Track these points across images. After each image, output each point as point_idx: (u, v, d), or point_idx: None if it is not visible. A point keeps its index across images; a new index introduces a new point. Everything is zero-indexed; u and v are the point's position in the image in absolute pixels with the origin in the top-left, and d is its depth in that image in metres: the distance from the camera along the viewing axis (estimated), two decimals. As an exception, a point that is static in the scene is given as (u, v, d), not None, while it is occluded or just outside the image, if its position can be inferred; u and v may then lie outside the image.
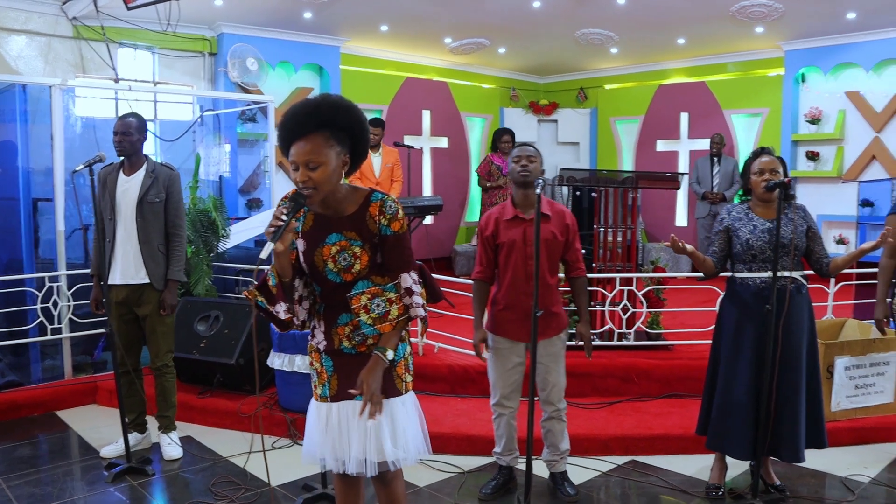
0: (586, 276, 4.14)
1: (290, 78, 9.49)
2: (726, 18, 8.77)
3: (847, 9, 8.33)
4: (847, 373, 4.97)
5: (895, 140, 9.28)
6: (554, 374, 4.04)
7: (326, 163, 2.56)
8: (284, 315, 2.67)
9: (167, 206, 4.53)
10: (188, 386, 5.60)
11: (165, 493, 4.23)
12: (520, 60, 11.53)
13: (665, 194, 10.72)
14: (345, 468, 2.77)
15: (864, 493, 4.19)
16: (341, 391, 2.77)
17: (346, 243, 2.67)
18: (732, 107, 10.70)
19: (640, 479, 4.41)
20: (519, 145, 4.08)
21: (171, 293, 4.54)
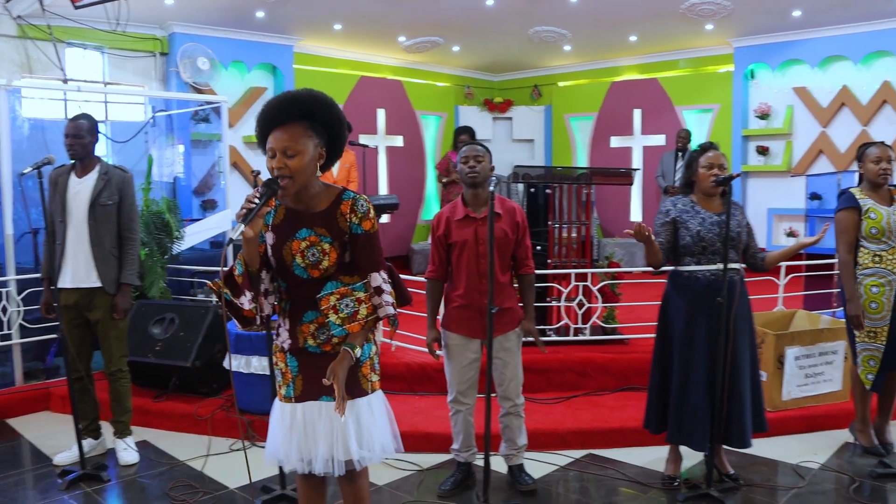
0: (534, 273, 4.18)
1: (244, 77, 9.42)
2: (677, 16, 8.90)
3: (793, 7, 8.51)
4: (797, 362, 5.09)
5: (841, 135, 9.52)
6: (510, 368, 4.08)
7: (304, 152, 2.58)
8: (249, 305, 2.65)
9: (120, 208, 4.46)
10: (144, 389, 5.52)
11: (121, 498, 4.18)
12: (474, 58, 11.57)
13: (620, 190, 10.84)
14: (311, 468, 2.77)
15: (814, 479, 4.30)
16: (306, 391, 2.77)
17: (315, 239, 2.67)
18: (684, 103, 10.87)
19: (598, 472, 4.46)
20: (467, 144, 4.10)
21: (124, 297, 4.47)
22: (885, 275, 4.38)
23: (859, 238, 4.45)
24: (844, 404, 5.16)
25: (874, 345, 4.45)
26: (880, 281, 4.39)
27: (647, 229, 3.81)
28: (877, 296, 4.40)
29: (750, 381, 4.07)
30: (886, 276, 4.38)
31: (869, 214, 4.39)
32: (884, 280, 4.38)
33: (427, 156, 11.76)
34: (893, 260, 4.38)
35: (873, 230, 4.37)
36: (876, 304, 4.40)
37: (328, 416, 2.75)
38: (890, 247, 4.38)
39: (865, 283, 4.41)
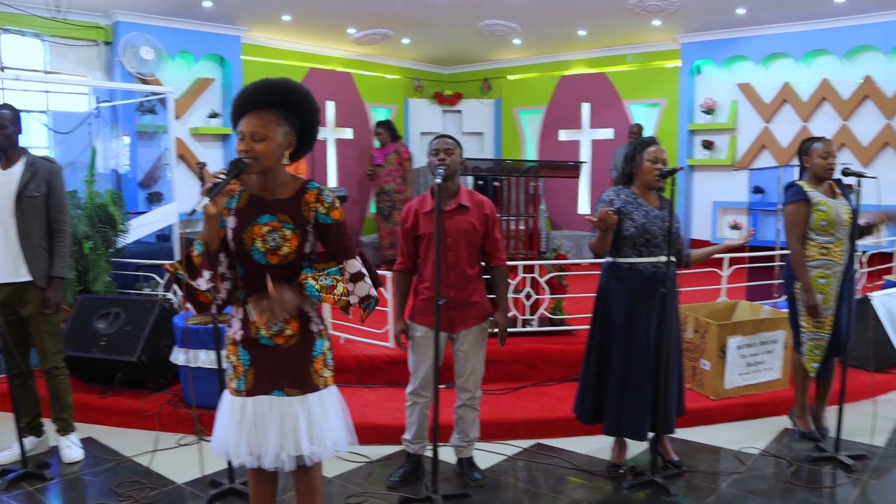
0: (506, 265, 4.21)
1: (191, 68, 9.30)
2: (625, 11, 9.01)
3: (738, 4, 8.68)
4: (739, 352, 5.21)
5: (783, 130, 9.76)
6: (473, 361, 4.11)
7: (272, 138, 2.64)
8: (206, 285, 2.64)
9: (49, 200, 4.33)
10: (88, 386, 5.44)
11: (65, 497, 4.11)
12: (424, 51, 11.57)
13: (568, 183, 10.94)
14: (260, 463, 2.77)
15: (755, 464, 4.43)
16: (257, 386, 2.77)
17: (277, 224, 2.69)
18: (632, 97, 11.02)
19: (546, 461, 4.53)
20: (438, 137, 4.10)
21: (55, 291, 4.35)
22: (831, 266, 4.51)
23: (807, 230, 4.54)
24: (784, 392, 5.31)
25: (820, 334, 4.58)
26: (826, 272, 4.52)
27: (615, 218, 3.86)
28: (823, 287, 4.52)
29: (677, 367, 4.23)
30: (832, 268, 4.51)
31: (819, 207, 4.49)
32: (829, 272, 4.51)
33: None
34: (839, 252, 4.51)
35: (823, 222, 4.48)
36: (822, 294, 4.53)
37: (279, 410, 2.76)
38: (836, 239, 4.50)
39: (813, 275, 4.52)
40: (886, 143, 9.02)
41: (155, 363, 5.33)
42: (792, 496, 4.00)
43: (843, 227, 4.49)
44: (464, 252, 3.98)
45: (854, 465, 4.29)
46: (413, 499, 3.92)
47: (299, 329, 2.78)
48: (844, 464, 4.31)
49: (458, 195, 4.02)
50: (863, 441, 4.63)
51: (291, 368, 2.78)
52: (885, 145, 9.04)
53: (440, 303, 3.72)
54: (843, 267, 4.51)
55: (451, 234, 3.94)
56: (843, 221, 4.48)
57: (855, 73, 9.21)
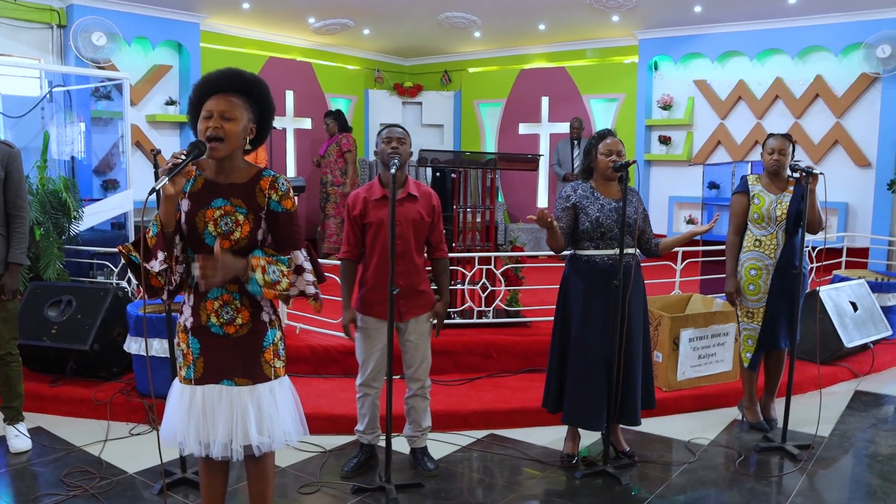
0: (448, 257, 4.24)
1: (148, 55, 9.16)
2: (584, 6, 9.08)
3: (694, 2, 8.80)
4: (691, 344, 5.31)
5: (737, 126, 9.93)
6: (421, 351, 4.13)
7: (239, 119, 2.69)
8: (160, 266, 2.62)
9: (6, 185, 4.26)
10: (38, 375, 5.35)
11: (11, 488, 4.03)
12: (384, 42, 11.53)
13: (527, 177, 11.01)
14: (209, 452, 2.76)
15: (704, 454, 4.51)
16: (207, 374, 2.76)
17: (230, 209, 2.69)
18: (591, 92, 11.11)
19: (499, 451, 4.57)
20: (388, 126, 4.11)
21: (12, 277, 4.29)
22: (763, 259, 4.65)
23: (748, 222, 4.71)
24: (734, 383, 5.42)
25: (751, 325, 4.73)
26: (758, 264, 4.67)
27: (550, 216, 3.89)
28: (755, 278, 4.67)
29: (642, 361, 4.26)
30: (763, 261, 4.65)
31: (754, 200, 4.66)
32: (761, 264, 4.66)
33: (336, 139, 11.68)
34: (771, 245, 4.65)
35: (755, 215, 4.68)
36: (754, 286, 4.68)
37: (228, 400, 2.74)
38: (770, 232, 4.65)
39: (745, 266, 4.70)
40: (836, 141, 9.23)
41: (108, 352, 5.27)
42: (740, 485, 4.09)
43: (776, 223, 4.63)
44: (412, 241, 4.01)
45: (800, 454, 4.40)
46: (367, 488, 3.94)
47: (250, 318, 2.77)
48: (791, 453, 4.42)
49: (406, 184, 4.04)
50: (809, 432, 4.74)
51: (242, 358, 2.77)
52: (835, 143, 9.25)
53: (395, 292, 3.73)
54: (774, 261, 4.64)
55: (400, 223, 3.94)
56: (776, 217, 4.61)
57: (807, 72, 9.40)
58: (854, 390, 5.73)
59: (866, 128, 9.06)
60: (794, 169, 4.47)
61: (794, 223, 4.63)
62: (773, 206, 4.63)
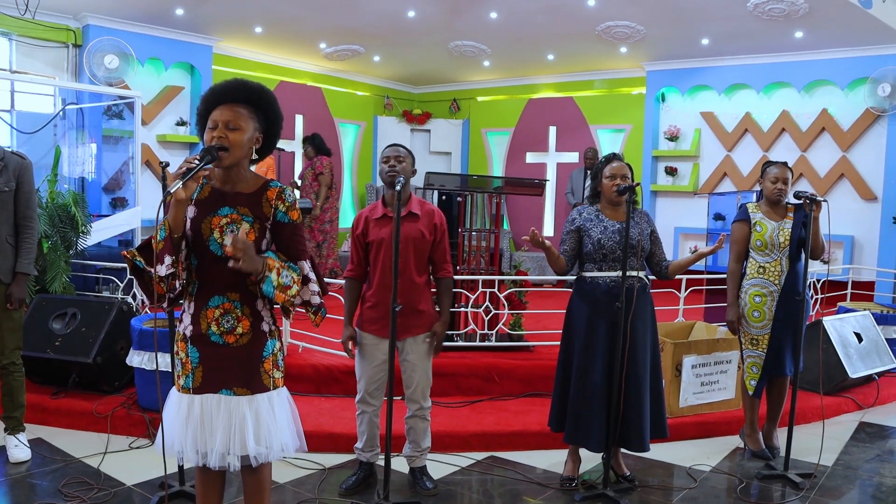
0: (452, 276, 4.25)
1: (160, 76, 9.28)
2: (593, 37, 9.17)
3: (702, 35, 8.89)
4: (693, 371, 5.29)
5: (744, 158, 9.96)
6: (420, 371, 4.12)
7: (244, 129, 2.71)
8: (166, 271, 2.63)
9: (17, 196, 4.31)
10: (41, 387, 5.36)
11: (10, 497, 4.02)
12: (394, 69, 11.65)
13: (532, 205, 11.05)
14: (205, 461, 2.76)
15: (706, 481, 4.48)
16: (205, 384, 2.76)
17: (236, 217, 2.72)
18: (598, 122, 11.19)
19: (499, 473, 4.54)
20: (390, 146, 4.14)
21: (19, 287, 4.32)
22: (767, 285, 4.65)
23: (750, 249, 4.72)
24: (737, 411, 5.39)
25: (756, 352, 4.72)
26: (762, 291, 4.66)
27: (540, 235, 3.91)
28: (759, 305, 4.66)
29: (651, 387, 4.22)
30: (768, 287, 4.65)
31: (756, 227, 4.67)
32: (765, 290, 4.65)
33: (344, 164, 11.76)
34: (775, 272, 4.65)
35: (758, 242, 4.67)
36: (758, 312, 4.67)
37: (227, 409, 2.74)
38: (773, 259, 4.65)
39: (750, 293, 4.69)
40: (842, 174, 9.26)
41: (110, 365, 5.28)
42: (740, 511, 4.07)
43: (779, 249, 4.64)
44: (412, 259, 4.02)
45: (802, 482, 4.37)
46: (365, 505, 3.93)
47: (250, 328, 2.77)
48: (793, 482, 4.39)
49: (409, 203, 4.07)
50: (811, 461, 4.71)
51: (241, 368, 2.77)
52: (841, 176, 9.28)
53: (397, 309, 3.74)
54: (779, 287, 4.64)
55: (400, 241, 3.96)
56: (779, 243, 4.63)
57: (813, 105, 9.46)
58: (858, 422, 5.69)
59: (872, 161, 9.10)
60: (799, 196, 4.49)
61: (797, 249, 4.65)
62: (776, 232, 4.64)
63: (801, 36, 8.56)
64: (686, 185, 10.40)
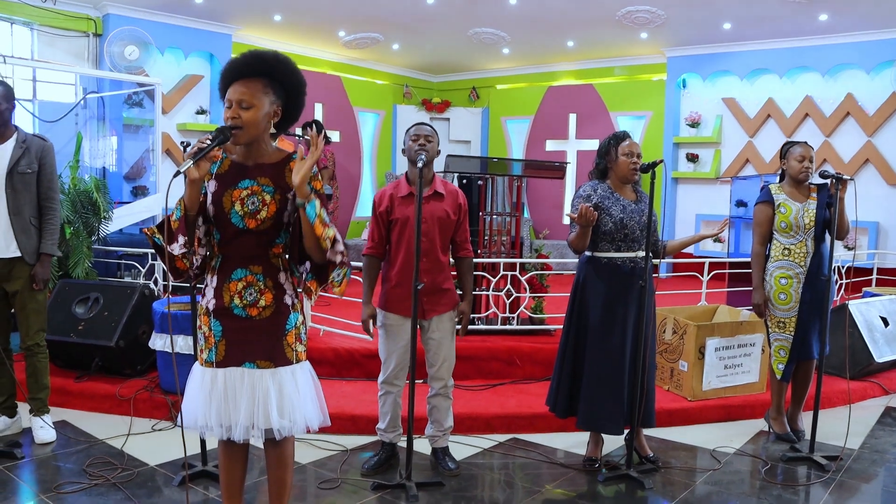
0: (473, 257, 4.23)
1: (180, 64, 9.29)
2: (613, 22, 9.10)
3: (723, 19, 8.79)
4: (717, 353, 5.24)
5: (766, 144, 9.86)
6: (444, 349, 4.11)
7: (258, 106, 2.66)
8: (180, 250, 2.63)
9: (40, 177, 4.34)
10: (65, 371, 5.40)
11: (36, 475, 4.06)
12: (413, 58, 11.62)
13: (552, 193, 11.00)
14: (230, 435, 2.75)
15: (730, 462, 4.44)
16: (229, 357, 2.75)
17: (257, 188, 2.70)
18: (618, 109, 11.11)
19: (521, 454, 4.53)
20: (418, 125, 4.11)
21: (44, 267, 4.36)
22: (793, 267, 4.58)
23: (773, 231, 4.65)
24: (761, 395, 5.34)
25: (783, 335, 4.66)
26: (788, 273, 4.59)
27: (594, 214, 3.86)
28: (785, 287, 4.60)
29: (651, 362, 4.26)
30: (794, 269, 4.58)
31: (780, 209, 4.60)
32: (791, 273, 4.59)
33: (363, 152, 11.76)
34: (801, 254, 4.58)
35: (783, 224, 4.60)
36: (784, 295, 4.60)
37: (250, 382, 2.74)
38: (798, 240, 4.58)
39: (775, 275, 4.62)
40: (867, 159, 9.14)
41: (132, 349, 5.31)
42: (766, 493, 4.02)
43: (804, 230, 4.57)
44: (437, 238, 4.01)
45: (828, 465, 4.32)
46: (386, 485, 3.91)
47: (273, 300, 2.76)
48: (819, 464, 4.34)
49: (433, 182, 4.05)
50: (837, 444, 4.65)
51: (264, 341, 2.76)
52: (866, 162, 9.16)
53: (419, 287, 3.73)
54: (805, 269, 4.58)
55: (426, 221, 3.95)
56: (804, 225, 4.56)
57: (837, 90, 9.34)
58: (885, 406, 5.62)
59: (899, 146, 8.97)
60: (825, 176, 4.42)
61: (822, 230, 4.59)
62: (801, 213, 4.58)
63: (826, 19, 8.44)
64: (707, 172, 10.31)
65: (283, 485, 2.98)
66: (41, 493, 3.77)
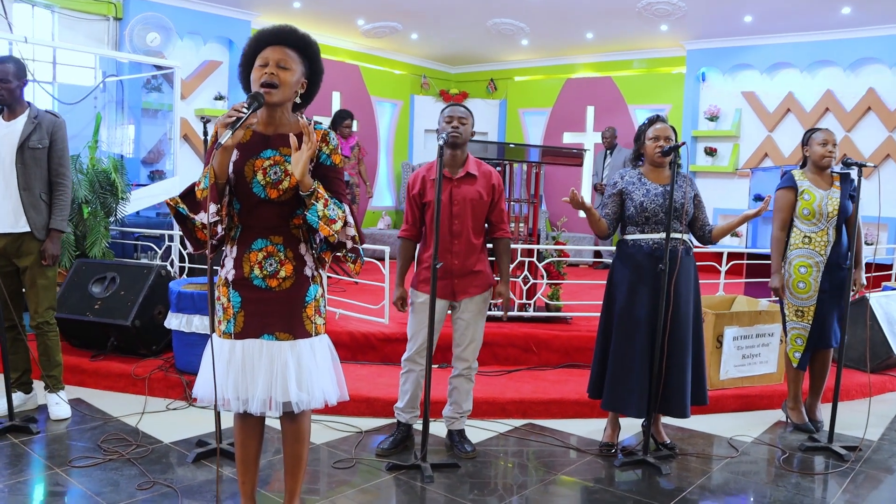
0: (510, 237, 4.19)
1: (199, 50, 9.30)
2: (633, 14, 9.03)
3: (744, 12, 8.71)
4: (735, 343, 5.19)
5: (785, 139, 9.77)
6: (473, 330, 4.09)
7: (293, 70, 2.70)
8: (212, 218, 2.61)
9: (51, 153, 4.33)
10: (80, 350, 5.42)
11: (50, 449, 4.06)
12: (432, 48, 11.59)
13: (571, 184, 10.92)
14: (246, 407, 2.73)
15: (747, 451, 4.40)
16: (247, 329, 2.73)
17: (279, 158, 2.69)
18: (636, 102, 11.05)
19: (537, 439, 4.50)
20: (451, 105, 4.09)
21: (54, 243, 4.33)
22: (813, 256, 4.53)
23: (794, 218, 4.59)
24: (778, 386, 5.29)
25: (801, 324, 4.60)
26: (808, 262, 4.54)
27: (581, 196, 3.86)
28: (804, 276, 4.55)
29: (693, 352, 4.14)
30: (814, 258, 4.53)
31: (803, 196, 4.55)
32: (811, 261, 4.53)
33: (380, 142, 11.74)
34: (822, 242, 4.53)
35: (805, 211, 4.54)
36: (804, 283, 4.55)
37: (269, 354, 2.72)
38: (820, 229, 4.53)
39: (794, 263, 4.57)
40: (888, 154, 9.04)
41: (148, 329, 5.31)
42: (784, 481, 3.97)
43: (827, 219, 4.51)
44: (469, 220, 3.97)
45: (847, 455, 4.27)
46: (402, 465, 3.90)
47: (293, 272, 2.75)
48: (837, 454, 4.29)
49: (465, 164, 4.02)
50: (856, 436, 4.60)
51: (283, 312, 2.74)
52: (887, 157, 9.06)
53: (437, 266, 3.71)
54: (825, 258, 4.53)
55: (457, 203, 3.93)
56: (827, 213, 4.50)
57: (858, 85, 9.23)
58: (904, 399, 5.56)
59: (921, 142, 8.87)
60: (848, 163, 4.36)
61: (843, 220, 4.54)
62: (825, 201, 4.52)
63: (849, 12, 8.35)
64: (726, 166, 10.23)
65: (298, 460, 2.96)
66: (56, 466, 3.77)
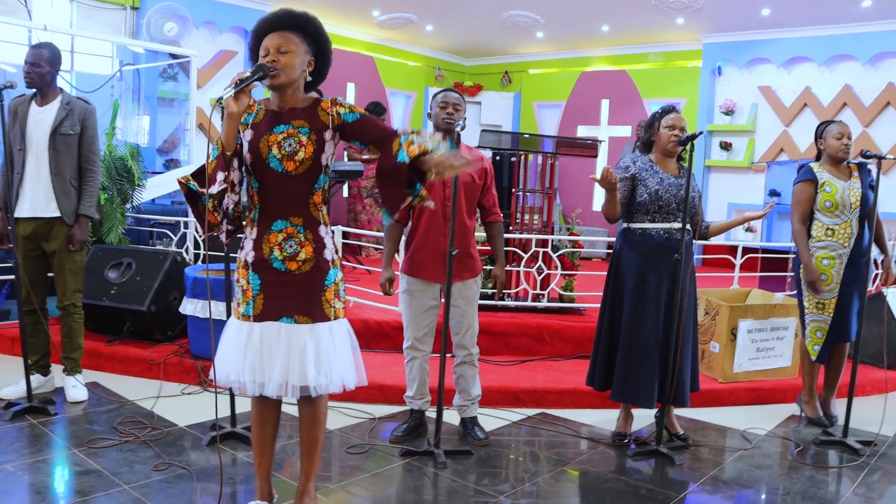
0: (502, 220, 4.21)
1: (215, 40, 9.30)
2: (649, 7, 8.99)
3: (762, 5, 8.65)
4: (749, 336, 5.18)
5: (801, 134, 9.70)
6: (468, 316, 4.09)
7: (294, 52, 2.71)
8: (219, 187, 2.64)
9: (81, 139, 4.41)
10: (96, 335, 5.46)
11: (68, 430, 4.10)
12: (447, 40, 11.56)
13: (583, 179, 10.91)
14: (263, 391, 2.74)
15: (760, 443, 4.39)
16: (266, 311, 2.74)
17: (293, 131, 2.72)
18: (652, 95, 10.98)
19: (549, 428, 4.50)
20: (443, 91, 4.10)
21: (82, 228, 4.40)
22: (836, 248, 4.50)
23: (814, 211, 4.56)
24: (792, 380, 5.27)
25: (822, 316, 4.57)
26: (831, 254, 4.50)
27: (615, 176, 3.84)
28: (827, 268, 4.51)
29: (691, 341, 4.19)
30: (837, 250, 4.49)
31: (825, 188, 4.51)
32: (834, 253, 4.50)
33: (395, 134, 11.74)
34: (844, 234, 4.49)
35: (827, 203, 4.49)
36: (826, 276, 4.52)
37: (287, 337, 2.73)
38: (842, 221, 4.49)
39: (817, 256, 4.53)
40: (907, 150, 8.97)
41: (163, 314, 5.34)
42: (798, 473, 3.96)
43: (850, 210, 4.48)
44: (464, 203, 3.99)
45: (862, 449, 4.25)
46: (415, 451, 3.91)
47: (313, 254, 2.76)
48: (852, 448, 4.27)
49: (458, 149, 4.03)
50: (871, 430, 4.58)
51: (302, 295, 2.75)
52: (906, 152, 9.00)
53: (454, 252, 3.72)
54: (848, 250, 4.50)
55: (450, 186, 3.93)
56: (850, 204, 4.48)
57: (878, 79, 9.15)
58: (921, 396, 5.52)
59: (940, 137, 8.79)
60: (867, 156, 4.33)
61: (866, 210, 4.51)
62: (847, 192, 4.48)
63: (869, 5, 8.28)
64: (741, 161, 10.18)
65: (315, 443, 2.97)
66: (74, 447, 3.81)
